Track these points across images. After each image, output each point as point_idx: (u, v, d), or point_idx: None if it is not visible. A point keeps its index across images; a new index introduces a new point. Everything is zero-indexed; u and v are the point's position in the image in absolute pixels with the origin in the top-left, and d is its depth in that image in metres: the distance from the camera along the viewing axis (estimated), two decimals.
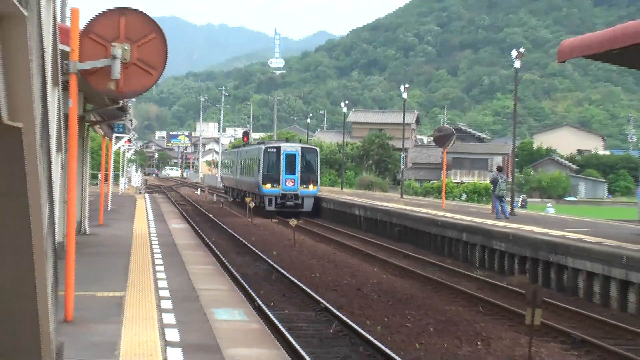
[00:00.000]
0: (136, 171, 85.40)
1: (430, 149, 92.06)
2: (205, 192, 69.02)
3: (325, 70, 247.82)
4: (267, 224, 39.04)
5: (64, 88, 10.54)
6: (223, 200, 60.30)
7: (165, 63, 11.90)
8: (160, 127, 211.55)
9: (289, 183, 44.22)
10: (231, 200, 59.34)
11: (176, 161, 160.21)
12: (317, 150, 47.96)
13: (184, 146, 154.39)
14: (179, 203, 53.34)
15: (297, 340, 12.78)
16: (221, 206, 53.27)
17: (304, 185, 44.38)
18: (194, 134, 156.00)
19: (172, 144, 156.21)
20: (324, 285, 19.92)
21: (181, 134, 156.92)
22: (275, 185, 44.27)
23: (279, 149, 45.26)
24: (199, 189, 77.50)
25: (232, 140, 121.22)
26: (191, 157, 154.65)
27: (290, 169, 44.32)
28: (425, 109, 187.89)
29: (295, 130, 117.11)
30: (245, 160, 52.38)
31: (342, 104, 75.46)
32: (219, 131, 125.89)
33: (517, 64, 33.82)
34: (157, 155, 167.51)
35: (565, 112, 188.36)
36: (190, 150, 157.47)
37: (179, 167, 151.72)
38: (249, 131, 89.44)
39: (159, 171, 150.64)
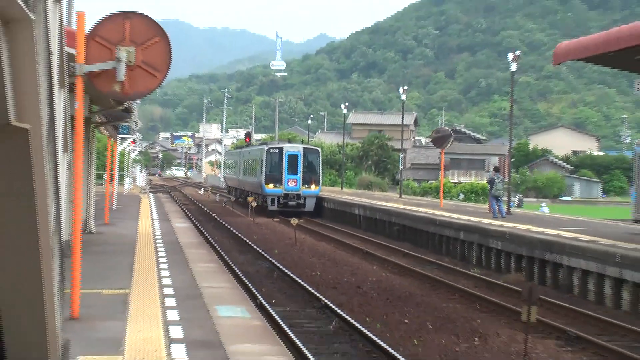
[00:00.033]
0: (140, 171, 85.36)
1: (428, 150, 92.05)
2: (208, 192, 69.01)
3: (326, 72, 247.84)
4: (269, 223, 39.04)
5: (71, 90, 10.55)
6: (226, 200, 60.31)
7: (169, 66, 11.90)
8: (164, 128, 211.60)
9: (291, 183, 44.13)
10: (234, 200, 59.32)
11: (180, 161, 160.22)
12: (319, 150, 47.81)
13: (187, 147, 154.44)
14: (183, 202, 53.31)
15: (298, 337, 12.78)
16: (224, 206, 53.24)
17: (306, 185, 44.29)
18: (197, 135, 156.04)
19: (176, 144, 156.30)
20: (325, 283, 19.92)
21: (185, 135, 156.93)
22: (277, 185, 44.19)
23: (281, 149, 45.14)
24: (202, 189, 77.48)
25: (235, 141, 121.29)
26: (194, 158, 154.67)
27: (293, 170, 44.23)
28: (424, 111, 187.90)
29: (296, 132, 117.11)
30: (248, 161, 52.28)
31: (342, 106, 75.47)
32: (222, 132, 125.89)
33: (514, 67, 33.80)
34: (161, 156, 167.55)
35: (561, 114, 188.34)
36: (194, 151, 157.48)
37: (184, 168, 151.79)
38: (251, 132, 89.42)
39: (161, 171, 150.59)
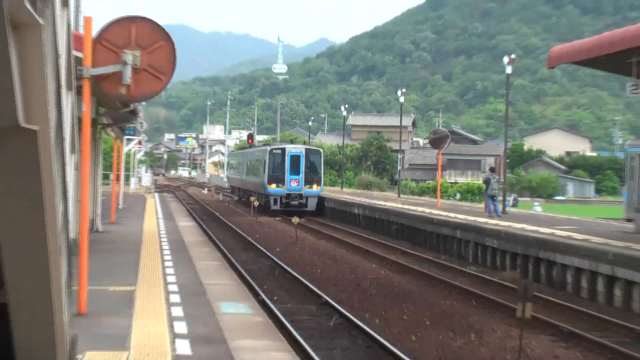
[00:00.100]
0: (146, 172, 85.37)
1: (426, 151, 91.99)
2: (212, 192, 68.99)
3: (326, 75, 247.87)
4: (271, 222, 39.02)
5: (78, 92, 10.55)
6: (229, 200, 60.29)
7: (174, 69, 11.89)
8: (169, 130, 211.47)
9: (294, 183, 44.06)
10: (237, 199, 59.28)
11: (184, 162, 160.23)
12: (321, 151, 47.68)
13: (191, 148, 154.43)
14: (187, 202, 53.29)
15: (299, 333, 12.79)
16: (227, 205, 53.23)
17: (308, 185, 44.21)
18: (201, 136, 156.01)
19: (181, 145, 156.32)
20: (325, 280, 19.90)
21: (189, 136, 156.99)
22: (280, 185, 44.12)
23: (283, 150, 45.03)
24: (205, 189, 77.46)
25: (238, 142, 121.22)
26: (198, 158, 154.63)
27: (295, 170, 44.15)
28: (421, 113, 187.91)
29: (297, 133, 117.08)
30: (251, 161, 52.19)
31: (342, 108, 75.52)
32: (225, 133, 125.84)
33: (509, 70, 33.82)
34: (166, 157, 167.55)
35: (555, 116, 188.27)
36: (198, 152, 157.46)
37: (188, 168, 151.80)
38: (253, 133, 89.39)
39: (165, 172, 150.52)
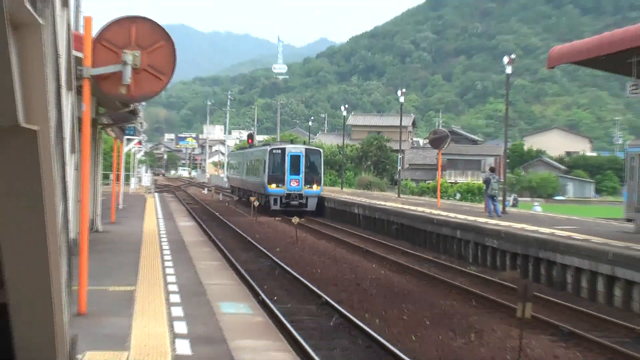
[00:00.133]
0: (146, 171, 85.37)
1: (426, 151, 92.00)
2: (212, 192, 68.99)
3: (326, 75, 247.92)
4: (271, 222, 39.01)
5: (78, 92, 10.55)
6: (229, 200, 60.29)
7: (174, 69, 11.89)
8: (169, 130, 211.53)
9: (294, 183, 44.05)
10: (237, 199, 59.27)
11: (184, 162, 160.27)
12: (321, 151, 47.65)
13: (191, 148, 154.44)
14: (187, 202, 53.29)
15: (299, 333, 12.79)
16: (227, 205, 53.23)
17: (308, 186, 44.19)
18: (201, 136, 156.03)
19: (181, 145, 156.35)
20: (325, 280, 19.90)
21: (189, 136, 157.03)
22: (280, 185, 44.10)
23: (283, 150, 45.00)
24: (205, 189, 77.47)
25: (238, 142, 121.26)
26: (198, 158, 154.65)
27: (295, 170, 44.13)
28: (421, 113, 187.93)
29: (298, 133, 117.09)
30: (251, 161, 52.16)
31: (342, 108, 75.52)
32: (225, 133, 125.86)
33: (509, 70, 33.82)
34: (166, 157, 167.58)
35: (555, 116, 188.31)
36: (198, 152, 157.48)
37: (188, 168, 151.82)
38: (253, 133, 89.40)
39: (165, 172, 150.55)
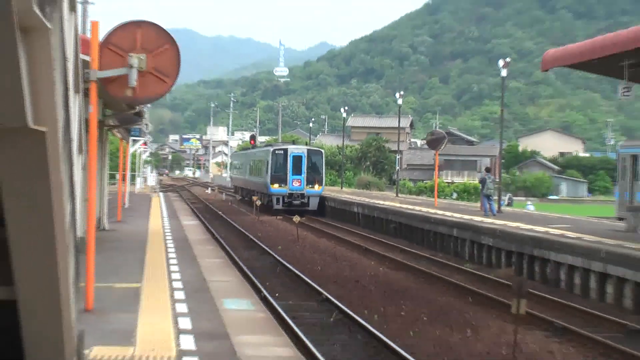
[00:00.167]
0: (151, 172, 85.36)
1: (423, 151, 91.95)
2: (215, 191, 68.99)
3: (326, 78, 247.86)
4: (273, 221, 38.98)
5: (85, 95, 10.56)
6: (232, 199, 60.27)
7: (179, 72, 11.89)
8: (173, 131, 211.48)
9: (296, 183, 44.00)
10: (239, 199, 59.25)
11: (188, 162, 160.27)
12: (322, 152, 47.61)
13: (195, 148, 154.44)
14: (191, 201, 53.26)
15: (300, 328, 12.78)
16: (230, 204, 53.20)
17: (310, 185, 44.14)
18: (204, 137, 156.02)
19: (185, 146, 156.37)
20: (325, 277, 19.88)
21: (193, 137, 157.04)
22: (282, 185, 44.05)
23: (286, 151, 44.95)
24: (209, 188, 77.47)
25: (240, 143, 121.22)
26: (202, 159, 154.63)
27: (297, 170, 44.08)
28: (419, 114, 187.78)
29: (298, 134, 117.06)
30: (254, 162, 52.10)
31: (342, 110, 75.52)
32: (228, 135, 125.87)
33: (504, 73, 33.81)
34: (171, 157, 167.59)
35: (548, 117, 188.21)
36: (201, 152, 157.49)
37: (192, 168, 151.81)
38: (255, 135, 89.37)
39: (169, 172, 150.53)
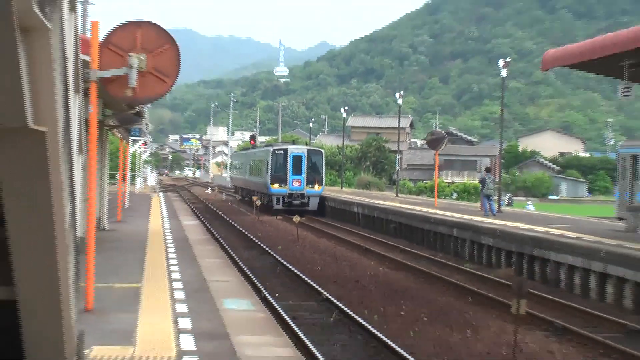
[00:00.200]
0: (151, 172, 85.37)
1: (423, 151, 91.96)
2: (215, 191, 69.00)
3: (326, 78, 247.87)
4: (273, 221, 38.98)
5: (85, 95, 10.55)
6: (232, 199, 60.26)
7: (179, 72, 11.90)
8: (173, 131, 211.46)
9: (296, 183, 43.96)
10: (239, 198, 59.24)
11: (188, 162, 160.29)
12: (323, 152, 47.56)
13: (195, 148, 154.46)
14: (191, 201, 53.26)
15: (300, 328, 12.78)
16: (230, 204, 53.19)
17: (310, 185, 44.09)
18: (204, 137, 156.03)
19: (185, 146, 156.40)
20: (325, 277, 19.88)
21: (193, 137, 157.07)
22: (282, 185, 44.01)
23: (286, 151, 44.91)
24: (209, 188, 77.49)
25: (240, 143, 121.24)
26: (202, 159, 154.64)
27: (297, 170, 44.04)
28: (419, 114, 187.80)
29: (299, 134, 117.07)
30: (254, 162, 52.06)
31: (342, 110, 75.52)
32: (228, 135, 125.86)
33: (504, 73, 33.81)
34: (171, 157, 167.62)
35: (548, 117, 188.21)
36: (202, 152, 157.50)
37: (192, 168, 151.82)
38: (255, 134, 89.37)
39: (169, 171, 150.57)
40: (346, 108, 78.32)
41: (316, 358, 11.04)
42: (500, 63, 33.65)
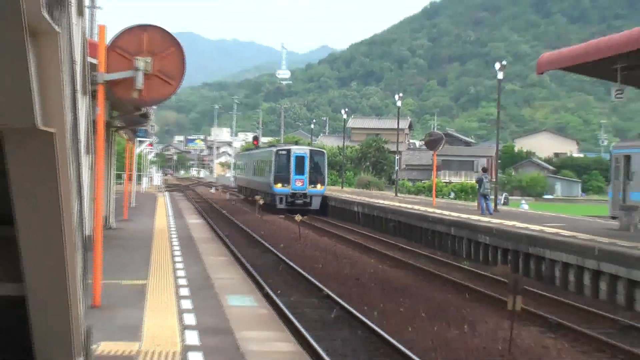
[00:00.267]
0: (157, 172, 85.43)
1: (421, 152, 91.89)
2: (219, 191, 69.01)
3: (327, 80, 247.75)
4: (275, 220, 38.96)
5: (92, 97, 10.56)
6: (236, 199, 60.25)
7: (183, 74, 11.90)
8: (178, 132, 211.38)
9: (298, 183, 43.88)
10: (243, 198, 59.22)
11: (193, 163, 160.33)
12: (325, 152, 47.47)
13: (200, 149, 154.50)
14: (196, 201, 53.27)
15: (302, 324, 12.78)
16: (234, 204, 53.19)
17: (312, 185, 44.01)
18: (209, 138, 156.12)
19: (190, 147, 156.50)
20: (326, 275, 19.86)
21: (197, 138, 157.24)
22: (285, 185, 43.93)
23: (289, 151, 44.80)
24: (213, 188, 77.51)
25: (243, 144, 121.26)
26: (206, 159, 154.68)
27: (300, 170, 43.95)
28: (418, 116, 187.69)
29: (300, 135, 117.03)
30: (257, 162, 52.00)
31: (343, 111, 75.54)
32: (232, 136, 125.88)
33: (500, 75, 33.79)
34: (176, 158, 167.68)
35: (544, 119, 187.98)
36: (206, 153, 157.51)
37: (197, 168, 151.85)
38: (258, 136, 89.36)
39: (173, 172, 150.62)
40: (346, 110, 78.35)
41: (317, 353, 11.04)
42: (497, 66, 33.63)
